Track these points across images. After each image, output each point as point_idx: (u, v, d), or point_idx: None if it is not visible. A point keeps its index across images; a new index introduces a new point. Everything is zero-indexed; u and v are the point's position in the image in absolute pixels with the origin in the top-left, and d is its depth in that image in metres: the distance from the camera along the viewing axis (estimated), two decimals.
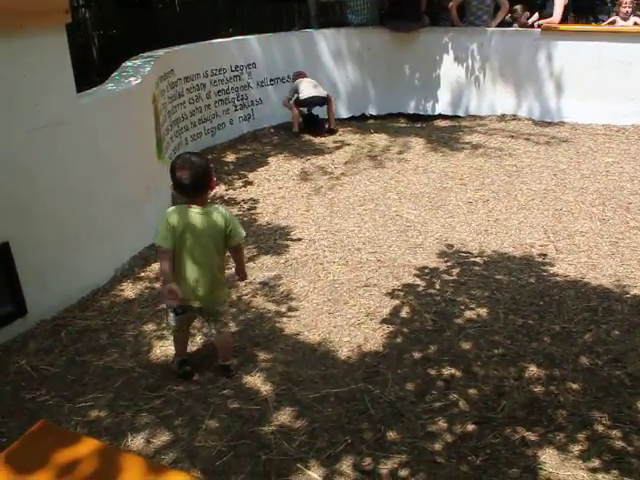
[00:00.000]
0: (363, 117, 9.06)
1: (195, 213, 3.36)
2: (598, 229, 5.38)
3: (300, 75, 8.32)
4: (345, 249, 5.11)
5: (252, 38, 8.46)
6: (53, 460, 1.59)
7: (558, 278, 4.61)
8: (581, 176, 6.68)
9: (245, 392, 3.46)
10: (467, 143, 7.80)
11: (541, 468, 2.92)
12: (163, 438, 3.14)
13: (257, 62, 8.41)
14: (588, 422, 3.19)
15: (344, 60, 8.78)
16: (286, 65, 8.65)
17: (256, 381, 3.56)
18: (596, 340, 3.86)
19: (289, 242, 5.25)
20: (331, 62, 8.86)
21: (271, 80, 8.60)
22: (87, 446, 1.67)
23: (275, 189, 6.45)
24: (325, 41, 8.82)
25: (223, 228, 3.40)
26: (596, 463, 2.95)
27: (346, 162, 7.18)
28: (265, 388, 3.49)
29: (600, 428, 3.15)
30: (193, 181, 3.29)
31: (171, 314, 3.54)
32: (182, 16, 13.36)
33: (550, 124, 8.58)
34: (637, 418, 3.21)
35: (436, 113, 9.12)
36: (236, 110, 8.26)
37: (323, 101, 8.16)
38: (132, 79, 5.31)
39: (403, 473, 2.91)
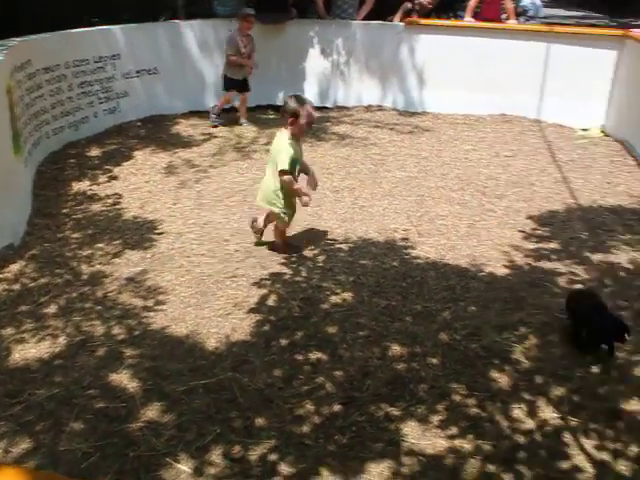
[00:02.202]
0: (232, 109, 8.99)
1: (277, 134, 4.72)
2: (457, 212, 5.66)
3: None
4: (213, 241, 5.09)
5: (116, 28, 8.17)
6: None
7: (420, 260, 4.82)
8: (442, 163, 7.00)
9: (111, 390, 3.40)
10: (334, 133, 7.95)
11: (404, 440, 3.07)
12: (23, 446, 3.02)
13: (122, 53, 8.14)
14: (447, 393, 3.39)
15: (211, 51, 8.67)
16: (152, 56, 8.43)
17: (122, 378, 3.50)
18: (454, 317, 4.08)
19: (156, 236, 5.16)
20: (198, 53, 8.73)
21: (137, 72, 8.35)
22: None
23: (142, 183, 6.30)
24: (192, 32, 8.67)
25: (275, 153, 4.61)
26: (454, 430, 3.14)
27: (214, 154, 7.13)
28: (132, 385, 3.44)
29: (457, 398, 3.36)
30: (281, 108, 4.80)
31: None
32: (42, 3, 12.67)
33: (414, 114, 8.92)
34: (490, 386, 3.45)
35: None
36: (100, 103, 7.96)
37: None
38: None
39: (272, 457, 2.96)
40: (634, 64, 7.76)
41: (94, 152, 7.16)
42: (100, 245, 4.99)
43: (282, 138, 4.60)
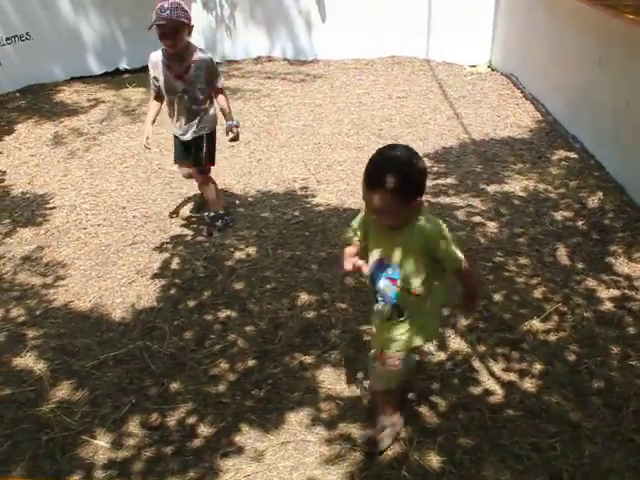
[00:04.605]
0: (117, 72, 8.61)
1: None
2: (354, 157, 5.69)
3: None
4: (109, 210, 4.92)
5: None
6: None
7: (321, 208, 4.83)
8: (336, 109, 6.99)
9: (16, 375, 3.26)
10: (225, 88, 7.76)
11: (320, 387, 3.10)
12: None
13: None
14: (358, 336, 3.43)
15: (87, 11, 8.21)
16: (22, 20, 7.85)
17: (27, 361, 3.36)
18: None
19: (48, 211, 4.94)
20: (73, 14, 8.24)
21: (7, 39, 7.78)
22: None
23: (27, 157, 5.98)
24: None
25: None
26: None
27: (102, 120, 6.84)
28: (38, 367, 3.32)
29: (369, 339, 3.39)
30: None
31: None
32: None
33: (304, 62, 8.85)
34: None
35: None
36: None
37: None
38: None
39: (191, 420, 2.94)
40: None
41: None
42: None
43: None
